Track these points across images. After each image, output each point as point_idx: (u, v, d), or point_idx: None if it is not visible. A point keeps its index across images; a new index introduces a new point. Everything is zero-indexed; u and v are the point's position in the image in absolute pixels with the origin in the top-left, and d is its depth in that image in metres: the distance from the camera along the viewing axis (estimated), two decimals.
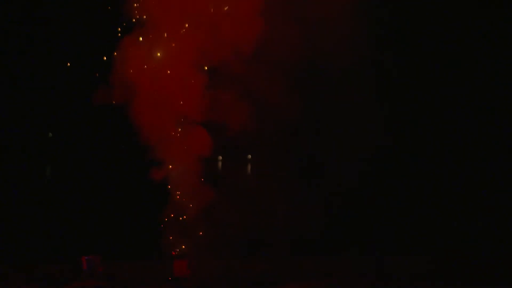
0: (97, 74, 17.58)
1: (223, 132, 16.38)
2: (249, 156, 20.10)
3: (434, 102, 18.91)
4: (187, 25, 15.88)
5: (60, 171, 18.56)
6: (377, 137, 18.45)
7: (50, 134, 18.92)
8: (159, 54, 15.74)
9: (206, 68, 16.08)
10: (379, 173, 18.74)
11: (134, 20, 15.85)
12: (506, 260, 15.95)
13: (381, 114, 18.06)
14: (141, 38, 15.78)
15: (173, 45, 15.80)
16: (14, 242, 16.99)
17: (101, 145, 18.37)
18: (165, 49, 15.92)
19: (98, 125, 18.24)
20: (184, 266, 14.34)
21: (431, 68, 18.78)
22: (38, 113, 18.73)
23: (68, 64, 18.38)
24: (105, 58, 16.00)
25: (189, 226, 15.56)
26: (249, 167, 20.10)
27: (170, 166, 15.74)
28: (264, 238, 17.25)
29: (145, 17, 15.91)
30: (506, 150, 18.68)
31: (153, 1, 15.73)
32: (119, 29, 16.14)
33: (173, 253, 14.55)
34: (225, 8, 15.85)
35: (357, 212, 18.46)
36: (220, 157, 18.34)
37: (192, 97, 15.85)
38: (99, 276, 14.26)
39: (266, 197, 17.38)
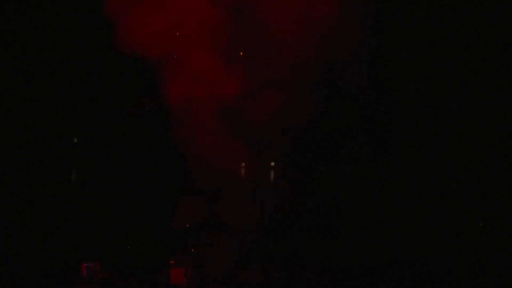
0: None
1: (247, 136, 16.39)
2: (272, 163, 20.00)
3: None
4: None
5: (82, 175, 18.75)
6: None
7: (76, 139, 19.15)
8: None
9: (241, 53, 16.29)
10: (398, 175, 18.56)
11: None
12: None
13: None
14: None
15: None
16: (15, 247, 17.20)
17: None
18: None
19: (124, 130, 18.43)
20: (181, 274, 14.38)
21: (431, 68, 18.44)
22: (64, 117, 18.96)
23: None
24: None
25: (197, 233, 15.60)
26: (272, 174, 20.00)
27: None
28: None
29: None
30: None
31: None
32: None
33: (171, 261, 14.62)
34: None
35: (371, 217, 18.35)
36: (244, 164, 18.32)
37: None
38: (98, 283, 14.34)
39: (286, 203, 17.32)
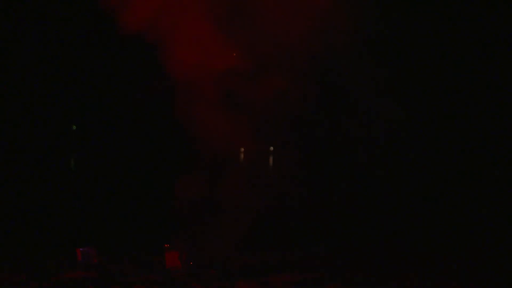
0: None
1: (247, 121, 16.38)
2: (271, 148, 19.94)
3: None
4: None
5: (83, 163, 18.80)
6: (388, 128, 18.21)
7: (74, 127, 19.19)
8: None
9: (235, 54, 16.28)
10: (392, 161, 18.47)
11: None
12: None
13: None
14: None
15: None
16: (11, 232, 17.22)
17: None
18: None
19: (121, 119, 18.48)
20: (176, 257, 14.38)
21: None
22: (63, 106, 19.01)
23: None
24: None
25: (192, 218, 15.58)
26: (271, 158, 19.96)
27: None
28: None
29: None
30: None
31: None
32: None
33: (166, 245, 14.60)
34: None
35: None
36: (243, 149, 18.29)
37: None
38: (93, 268, 14.32)
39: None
